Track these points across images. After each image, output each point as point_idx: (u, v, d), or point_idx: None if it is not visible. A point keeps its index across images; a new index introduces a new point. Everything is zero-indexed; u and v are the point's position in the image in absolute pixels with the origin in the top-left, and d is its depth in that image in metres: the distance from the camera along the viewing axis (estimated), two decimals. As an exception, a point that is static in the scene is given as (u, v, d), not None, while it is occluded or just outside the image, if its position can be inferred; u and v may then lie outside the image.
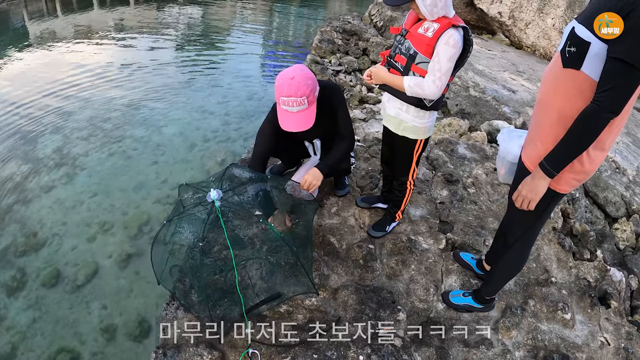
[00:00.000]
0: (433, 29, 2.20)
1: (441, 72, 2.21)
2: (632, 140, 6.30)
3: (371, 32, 10.18)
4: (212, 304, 2.33)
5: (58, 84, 8.76)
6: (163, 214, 5.36)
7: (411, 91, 2.33)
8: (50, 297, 4.28)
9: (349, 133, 2.81)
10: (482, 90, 6.40)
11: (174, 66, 10.32)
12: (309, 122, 2.53)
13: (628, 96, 1.58)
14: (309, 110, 2.52)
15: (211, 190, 2.28)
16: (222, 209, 2.24)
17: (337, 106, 2.75)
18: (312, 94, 2.50)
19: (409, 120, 2.51)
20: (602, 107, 1.59)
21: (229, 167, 2.58)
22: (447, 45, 2.16)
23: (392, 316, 2.50)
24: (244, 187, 2.45)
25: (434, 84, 2.24)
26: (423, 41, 2.23)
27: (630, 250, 4.11)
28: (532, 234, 2.27)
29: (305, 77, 2.48)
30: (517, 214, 2.22)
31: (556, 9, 9.64)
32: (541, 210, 2.08)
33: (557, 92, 1.77)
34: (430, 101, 2.40)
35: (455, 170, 4.04)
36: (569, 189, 1.94)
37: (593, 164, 1.83)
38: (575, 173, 1.85)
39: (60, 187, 5.75)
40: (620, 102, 1.58)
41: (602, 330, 2.77)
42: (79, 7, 15.99)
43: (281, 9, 18.83)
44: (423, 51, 2.25)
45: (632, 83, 1.55)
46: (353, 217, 3.23)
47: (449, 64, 2.20)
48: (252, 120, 7.84)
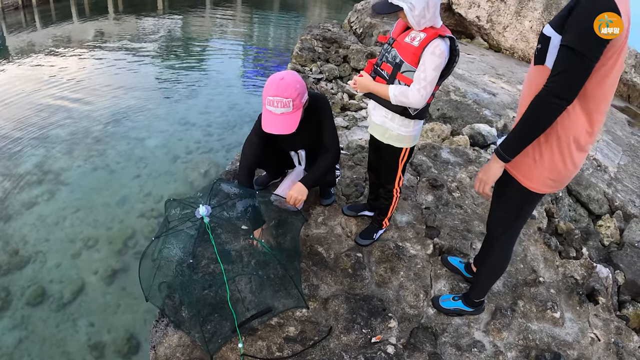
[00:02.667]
0: (419, 38, 2.23)
1: (426, 81, 2.23)
2: (612, 138, 6.42)
3: (351, 39, 10.25)
4: (202, 319, 2.31)
5: (38, 97, 8.66)
6: (148, 227, 5.31)
7: (396, 100, 2.34)
8: (36, 315, 4.22)
9: (334, 146, 2.81)
10: (462, 94, 6.47)
11: (155, 77, 10.26)
12: (292, 126, 2.53)
13: (575, 82, 1.64)
14: (293, 114, 2.51)
15: (200, 206, 2.27)
16: (211, 224, 2.22)
17: (324, 118, 2.76)
18: (298, 98, 2.50)
19: (394, 128, 2.52)
20: (550, 92, 1.66)
21: (216, 182, 2.57)
22: (433, 55, 2.18)
23: (383, 324, 2.50)
24: (232, 203, 2.44)
25: (418, 93, 2.26)
26: (409, 50, 2.26)
27: (615, 246, 4.17)
28: (513, 233, 2.30)
29: (294, 81, 2.49)
30: (496, 214, 2.29)
31: (533, 11, 9.80)
32: (518, 208, 2.14)
33: (530, 89, 1.83)
34: (415, 110, 2.41)
35: (439, 175, 4.06)
36: (545, 189, 1.98)
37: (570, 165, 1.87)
38: (550, 171, 1.90)
39: (42, 203, 5.68)
40: (568, 88, 1.64)
41: (591, 327, 2.81)
42: (57, 19, 15.82)
43: (261, 18, 18.86)
44: (409, 60, 2.27)
45: (577, 68, 1.61)
46: (340, 225, 3.23)
47: (434, 73, 2.22)
48: (234, 131, 7.83)
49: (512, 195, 2.09)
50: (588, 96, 1.70)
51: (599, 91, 1.70)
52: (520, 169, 1.96)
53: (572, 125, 1.77)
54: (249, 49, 13.94)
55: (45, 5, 17.36)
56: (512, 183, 2.02)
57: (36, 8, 16.79)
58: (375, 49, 8.92)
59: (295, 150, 3.02)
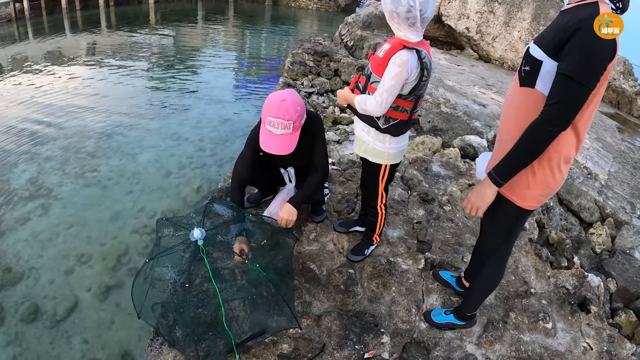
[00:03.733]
0: (384, 49, 2.28)
1: (383, 88, 2.24)
2: (602, 146, 6.48)
3: (342, 52, 10.33)
4: (196, 338, 2.32)
5: (30, 111, 8.68)
6: (141, 244, 5.31)
7: (359, 107, 2.38)
8: (30, 332, 4.20)
9: (323, 166, 2.84)
10: (453, 106, 6.53)
11: (147, 91, 10.29)
12: (290, 147, 2.55)
13: (573, 110, 1.66)
14: (292, 135, 2.54)
15: (194, 229, 2.29)
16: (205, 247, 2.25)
17: (317, 137, 2.78)
18: (298, 120, 2.53)
19: (370, 142, 2.55)
20: (547, 120, 1.68)
21: (210, 202, 2.59)
22: (393, 64, 2.19)
23: (376, 339, 2.51)
24: (226, 226, 2.46)
25: (374, 100, 2.28)
26: (376, 61, 2.31)
27: (607, 254, 4.21)
28: (505, 249, 2.32)
29: (295, 103, 2.52)
30: (489, 231, 2.31)
31: (522, 22, 9.92)
32: (510, 227, 2.16)
33: (517, 111, 1.85)
34: (384, 123, 2.42)
35: (430, 189, 4.09)
36: (536, 204, 2.00)
37: (559, 177, 1.90)
38: (542, 189, 1.92)
39: (35, 219, 5.67)
40: (564, 116, 1.67)
41: (584, 336, 2.83)
42: (50, 32, 15.86)
43: (253, 32, 18.96)
44: (375, 71, 2.31)
45: (576, 97, 1.63)
46: (332, 242, 3.24)
47: (391, 82, 2.21)
48: (226, 146, 7.85)
49: (504, 215, 2.10)
50: (578, 117, 1.72)
51: (587, 111, 1.72)
52: (515, 191, 1.96)
53: (563, 145, 1.79)
54: (241, 64, 14.01)
55: (38, 18, 17.44)
56: (505, 203, 2.02)
57: (29, 21, 16.88)
58: (366, 62, 8.99)
59: (285, 167, 3.04)
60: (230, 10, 23.41)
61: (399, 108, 2.36)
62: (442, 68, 8.76)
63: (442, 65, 9.04)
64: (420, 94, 2.36)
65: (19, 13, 16.87)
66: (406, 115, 2.41)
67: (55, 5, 18.43)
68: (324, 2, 25.41)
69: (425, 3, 2.11)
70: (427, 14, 2.16)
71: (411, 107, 2.38)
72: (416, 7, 2.10)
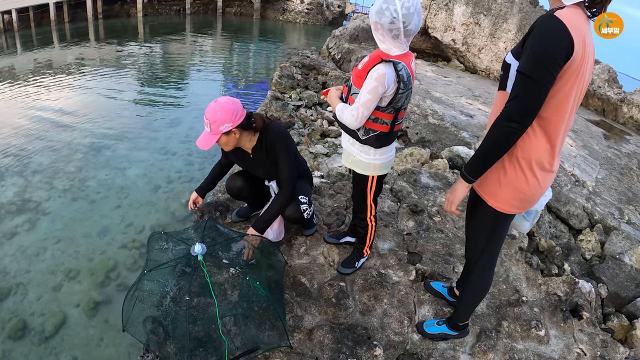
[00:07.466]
0: (363, 61, 2.30)
1: (359, 102, 2.26)
2: (589, 153, 6.57)
3: (330, 65, 10.38)
4: (188, 353, 2.29)
5: (18, 124, 8.64)
6: (129, 259, 5.27)
7: (338, 116, 2.42)
8: (17, 350, 4.14)
9: (288, 185, 2.80)
10: (440, 117, 6.58)
11: (135, 105, 10.27)
12: (206, 145, 2.62)
13: (528, 106, 1.71)
14: (211, 136, 2.61)
15: (196, 244, 2.31)
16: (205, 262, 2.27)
17: (279, 152, 2.76)
18: (216, 124, 2.56)
19: (355, 153, 2.55)
20: (505, 116, 1.74)
21: (209, 219, 2.66)
22: (370, 78, 2.20)
23: (369, 352, 2.50)
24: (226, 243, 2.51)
25: (350, 113, 2.30)
26: (356, 73, 2.34)
27: (597, 260, 4.24)
28: (490, 256, 2.33)
29: (222, 108, 2.57)
30: (470, 238, 2.34)
31: (507, 32, 10.06)
32: (489, 230, 2.18)
33: (495, 114, 1.91)
34: (363, 135, 2.43)
35: (419, 200, 4.10)
36: (511, 209, 2.01)
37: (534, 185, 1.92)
38: (514, 191, 1.94)
39: (22, 234, 5.61)
40: (521, 111, 1.71)
41: (577, 342, 2.84)
42: (39, 44, 15.80)
43: (241, 45, 19.02)
44: (355, 82, 2.34)
45: (529, 93, 1.68)
46: (322, 255, 3.23)
47: (368, 96, 2.22)
48: (214, 160, 7.78)
49: (482, 216, 2.13)
50: (547, 120, 1.77)
51: (557, 115, 1.76)
52: (486, 189, 2.01)
53: (532, 148, 1.83)
54: (229, 77, 14.06)
55: (27, 30, 17.39)
56: (481, 204, 2.07)
57: (17, 32, 16.83)
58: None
59: (268, 180, 3.03)
60: (218, 24, 23.50)
61: (378, 120, 2.35)
62: (429, 80, 8.84)
63: (429, 77, 9.12)
64: (400, 107, 2.34)
65: (7, 25, 16.83)
66: (386, 128, 2.40)
67: (44, 18, 18.43)
68: (311, 16, 25.62)
69: (408, 15, 2.10)
70: (411, 26, 2.15)
71: (391, 119, 2.37)
72: (399, 19, 2.10)
